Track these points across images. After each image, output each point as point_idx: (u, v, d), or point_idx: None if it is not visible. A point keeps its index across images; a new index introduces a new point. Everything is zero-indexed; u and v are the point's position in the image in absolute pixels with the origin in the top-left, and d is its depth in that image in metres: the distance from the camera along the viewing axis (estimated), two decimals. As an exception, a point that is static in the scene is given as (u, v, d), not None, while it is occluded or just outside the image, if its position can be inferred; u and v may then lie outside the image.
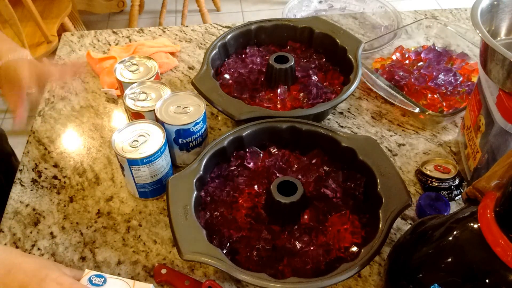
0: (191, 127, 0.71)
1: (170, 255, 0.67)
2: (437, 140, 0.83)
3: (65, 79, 0.90)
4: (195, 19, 2.62)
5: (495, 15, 0.68)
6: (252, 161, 0.71)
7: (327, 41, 0.90)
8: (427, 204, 0.68)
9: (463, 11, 1.15)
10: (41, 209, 0.73)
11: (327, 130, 0.72)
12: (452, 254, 0.48)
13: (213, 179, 0.70)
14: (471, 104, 0.73)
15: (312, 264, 0.60)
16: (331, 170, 0.71)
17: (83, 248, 0.68)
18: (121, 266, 0.66)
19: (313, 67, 0.88)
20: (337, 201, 0.67)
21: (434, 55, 0.93)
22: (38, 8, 1.86)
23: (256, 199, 0.68)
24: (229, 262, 0.57)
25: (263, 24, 0.93)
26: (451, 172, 0.74)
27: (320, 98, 0.81)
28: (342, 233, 0.63)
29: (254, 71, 0.87)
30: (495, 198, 0.46)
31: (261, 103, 0.80)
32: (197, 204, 0.64)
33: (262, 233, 0.63)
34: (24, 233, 0.70)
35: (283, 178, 0.66)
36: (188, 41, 1.05)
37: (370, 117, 0.87)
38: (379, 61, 0.96)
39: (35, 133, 0.85)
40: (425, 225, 0.55)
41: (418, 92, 0.86)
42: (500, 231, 0.43)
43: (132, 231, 0.70)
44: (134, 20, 2.47)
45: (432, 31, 1.01)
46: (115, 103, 0.91)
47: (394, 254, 0.57)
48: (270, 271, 0.59)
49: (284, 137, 0.74)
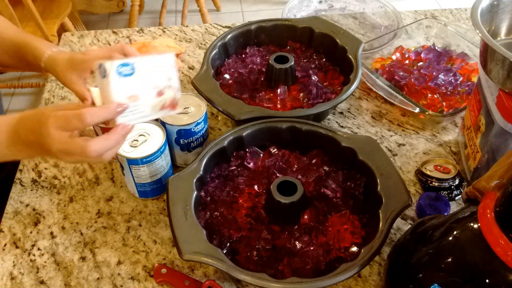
0: (192, 127, 0.71)
1: (170, 255, 0.67)
2: (437, 140, 0.83)
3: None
4: (195, 19, 2.62)
5: (495, 15, 0.68)
6: (252, 161, 0.71)
7: (327, 41, 0.90)
8: (427, 204, 0.68)
9: (463, 11, 1.15)
10: (41, 209, 0.73)
11: (327, 130, 0.72)
12: (452, 254, 0.48)
13: (213, 179, 0.70)
14: (471, 104, 0.73)
15: (312, 264, 0.60)
16: (331, 170, 0.71)
17: (83, 248, 0.68)
18: (121, 266, 0.66)
19: (313, 67, 0.88)
20: (337, 201, 0.67)
21: (434, 55, 0.93)
22: (38, 8, 1.86)
23: (256, 199, 0.68)
24: (229, 262, 0.57)
25: (263, 24, 0.93)
26: (451, 172, 0.74)
27: (320, 98, 0.81)
28: (342, 233, 0.63)
29: (254, 71, 0.87)
30: (495, 198, 0.46)
31: (261, 103, 0.80)
32: (197, 204, 0.64)
33: (262, 233, 0.63)
34: (24, 233, 0.70)
35: (283, 178, 0.66)
36: (188, 41, 1.05)
37: (370, 117, 0.87)
38: (379, 61, 0.96)
39: (35, 133, 0.85)
40: (425, 225, 0.55)
41: (418, 92, 0.86)
42: (500, 231, 0.43)
43: (132, 231, 0.70)
44: (134, 20, 2.46)
45: (432, 31, 1.01)
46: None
47: (394, 254, 0.57)
48: (270, 271, 0.59)
49: (284, 137, 0.74)
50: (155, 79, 0.58)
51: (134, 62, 0.55)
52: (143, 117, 0.59)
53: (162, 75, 0.58)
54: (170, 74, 0.59)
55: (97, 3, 2.54)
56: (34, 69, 0.77)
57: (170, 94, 0.59)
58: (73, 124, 0.54)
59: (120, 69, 0.54)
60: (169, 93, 0.59)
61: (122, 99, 0.56)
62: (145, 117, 0.59)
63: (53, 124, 0.54)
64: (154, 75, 0.58)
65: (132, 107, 0.57)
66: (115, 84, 0.55)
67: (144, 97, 0.57)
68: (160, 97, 0.59)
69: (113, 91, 0.55)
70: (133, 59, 0.56)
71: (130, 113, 0.57)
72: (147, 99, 0.58)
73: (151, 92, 0.58)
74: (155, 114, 0.60)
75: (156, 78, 0.58)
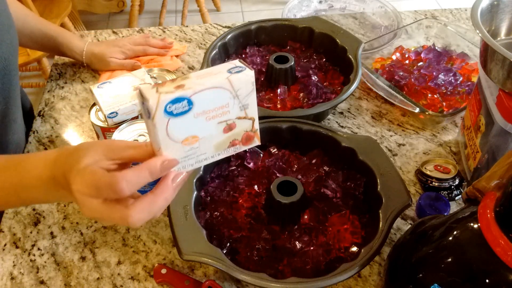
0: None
1: (170, 255, 0.67)
2: (437, 140, 0.83)
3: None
4: (195, 19, 2.62)
5: (495, 15, 0.68)
6: (252, 161, 0.71)
7: (327, 41, 0.90)
8: (427, 204, 0.68)
9: (463, 11, 1.15)
10: (41, 209, 0.73)
11: (327, 130, 0.72)
12: (452, 254, 0.48)
13: (213, 179, 0.70)
14: (471, 104, 0.73)
15: (312, 264, 0.60)
16: (331, 170, 0.71)
17: (83, 248, 0.68)
18: (121, 266, 0.66)
19: (313, 67, 0.88)
20: (337, 201, 0.67)
21: (434, 55, 0.93)
22: (38, 8, 1.86)
23: (256, 199, 0.68)
24: (229, 262, 0.57)
25: (263, 24, 0.93)
26: (451, 172, 0.74)
27: (320, 98, 0.81)
28: (342, 233, 0.63)
29: (254, 71, 0.87)
30: (495, 198, 0.46)
31: (261, 103, 0.80)
32: (197, 204, 0.64)
33: (262, 233, 0.63)
34: (24, 233, 0.70)
35: (283, 178, 0.66)
36: (188, 41, 1.05)
37: (370, 117, 0.87)
38: (379, 61, 0.96)
39: (35, 133, 0.85)
40: (425, 225, 0.55)
41: (418, 92, 0.86)
42: (500, 231, 0.43)
43: (132, 231, 0.70)
44: (134, 20, 2.47)
45: (432, 31, 1.01)
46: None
47: (394, 254, 0.57)
48: (270, 271, 0.59)
49: (284, 137, 0.74)
50: (223, 112, 0.42)
51: (192, 96, 0.39)
52: (204, 160, 0.44)
53: (233, 104, 0.42)
54: (245, 100, 0.43)
55: (97, 3, 2.54)
56: (67, 56, 0.96)
57: (244, 126, 0.44)
58: (105, 194, 0.41)
59: (171, 108, 0.39)
60: (243, 125, 0.44)
61: (173, 146, 0.41)
62: (206, 160, 0.44)
63: (81, 190, 0.42)
64: (221, 107, 0.42)
65: (189, 151, 0.42)
66: (163, 128, 0.40)
67: (206, 138, 0.42)
68: (229, 133, 0.43)
69: (161, 138, 0.40)
70: (189, 89, 0.39)
71: (186, 158, 0.43)
72: (210, 139, 0.43)
73: (216, 128, 0.43)
74: (222, 153, 0.45)
75: (224, 110, 0.42)
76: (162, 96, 0.38)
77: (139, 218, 0.41)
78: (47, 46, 0.93)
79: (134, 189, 0.41)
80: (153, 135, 0.41)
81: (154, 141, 0.42)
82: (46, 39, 0.91)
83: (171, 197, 0.44)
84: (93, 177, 0.41)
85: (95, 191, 0.41)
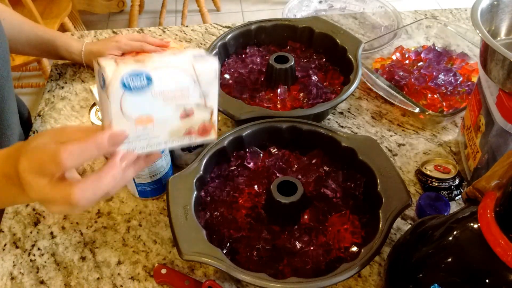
0: (192, 127, 0.70)
1: (170, 255, 0.67)
2: (437, 140, 0.83)
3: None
4: (195, 19, 2.62)
5: (495, 15, 0.68)
6: (252, 161, 0.71)
7: (327, 41, 0.90)
8: (427, 204, 0.68)
9: (463, 11, 1.15)
10: (41, 209, 0.73)
11: (327, 130, 0.72)
12: (452, 254, 0.48)
13: (213, 179, 0.70)
14: (471, 104, 0.73)
15: (312, 264, 0.60)
16: (331, 170, 0.71)
17: (83, 248, 0.68)
18: (121, 266, 0.66)
19: (313, 67, 0.88)
20: (337, 201, 0.67)
21: (434, 55, 0.93)
22: (38, 8, 1.86)
23: (256, 199, 0.68)
24: (229, 262, 0.57)
25: (263, 24, 0.93)
26: (451, 172, 0.74)
27: (320, 98, 0.81)
28: (342, 233, 0.63)
29: (254, 71, 0.87)
30: (495, 198, 0.46)
31: (261, 103, 0.80)
32: (197, 204, 0.64)
33: (262, 233, 0.63)
34: (24, 233, 0.70)
35: (283, 178, 0.66)
36: (188, 41, 1.05)
37: (370, 117, 0.87)
38: (379, 61, 0.96)
39: (35, 133, 0.85)
40: (425, 225, 0.55)
41: (418, 92, 0.86)
42: (500, 231, 0.43)
43: (132, 231, 0.70)
44: (134, 20, 2.47)
45: (432, 31, 1.01)
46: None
47: (394, 254, 0.57)
48: (270, 271, 0.59)
49: (284, 137, 0.74)
50: (182, 95, 0.41)
51: (151, 71, 0.38)
52: (157, 145, 0.43)
53: (193, 89, 0.41)
54: (206, 88, 0.41)
55: (97, 3, 2.54)
56: (66, 59, 0.96)
57: (202, 115, 0.43)
58: (48, 167, 0.40)
59: (128, 80, 0.37)
60: (201, 114, 0.43)
61: (125, 123, 0.39)
62: (159, 145, 0.43)
63: (26, 169, 0.41)
64: (181, 90, 0.40)
65: (141, 131, 0.41)
66: (116, 101, 0.38)
67: (161, 120, 0.41)
68: (186, 120, 0.42)
69: (113, 111, 0.39)
70: (150, 65, 0.38)
71: (137, 138, 0.41)
72: (165, 123, 0.42)
73: (173, 112, 0.41)
74: (176, 141, 0.43)
75: (184, 93, 0.41)
76: (120, 67, 0.37)
77: (83, 196, 0.40)
78: (45, 51, 0.92)
79: (77, 162, 0.40)
80: (105, 107, 0.39)
81: (105, 114, 0.40)
82: (43, 44, 0.90)
83: (119, 175, 0.42)
84: (36, 152, 0.41)
85: (38, 166, 0.40)
